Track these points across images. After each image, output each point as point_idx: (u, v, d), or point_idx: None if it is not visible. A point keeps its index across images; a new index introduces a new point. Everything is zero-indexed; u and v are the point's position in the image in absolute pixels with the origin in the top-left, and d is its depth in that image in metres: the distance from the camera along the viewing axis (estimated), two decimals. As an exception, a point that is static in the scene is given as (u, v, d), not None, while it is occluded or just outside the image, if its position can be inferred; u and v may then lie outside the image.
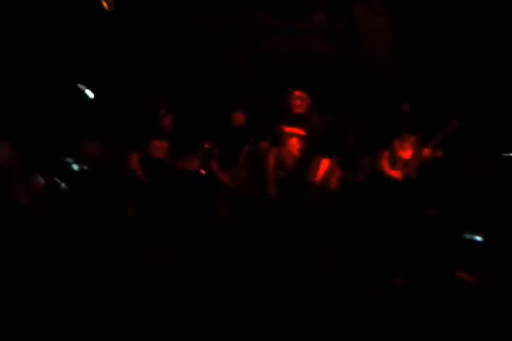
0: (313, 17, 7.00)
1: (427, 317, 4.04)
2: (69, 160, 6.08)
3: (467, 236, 5.26)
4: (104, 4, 5.84)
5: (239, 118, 6.99)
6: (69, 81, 7.13)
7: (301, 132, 6.19)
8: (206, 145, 6.67)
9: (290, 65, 7.43)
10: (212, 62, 7.80)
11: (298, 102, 6.15)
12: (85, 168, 6.12)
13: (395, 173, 6.23)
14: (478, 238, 5.03)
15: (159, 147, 6.56)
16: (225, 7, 7.41)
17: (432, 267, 4.67)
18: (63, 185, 5.67)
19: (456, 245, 4.90)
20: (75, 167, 6.06)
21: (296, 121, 6.14)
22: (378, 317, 4.08)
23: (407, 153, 6.22)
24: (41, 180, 5.28)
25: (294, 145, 6.25)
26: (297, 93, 6.17)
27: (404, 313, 4.11)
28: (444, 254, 4.81)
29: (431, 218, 5.41)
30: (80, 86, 7.16)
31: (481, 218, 5.23)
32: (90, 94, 7.15)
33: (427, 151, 6.06)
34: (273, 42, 7.47)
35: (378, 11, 6.36)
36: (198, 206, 6.31)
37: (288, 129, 6.28)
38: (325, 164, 6.19)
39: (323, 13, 6.90)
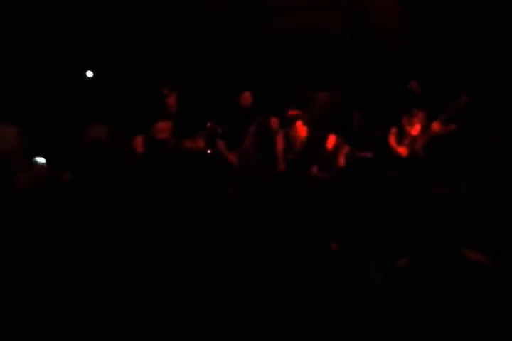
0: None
1: (433, 299, 3.98)
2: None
3: None
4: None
5: (246, 98, 6.92)
6: (71, 64, 7.07)
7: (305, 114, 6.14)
8: (209, 125, 6.59)
9: (297, 42, 7.28)
10: (217, 41, 7.67)
11: None
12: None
13: (402, 150, 6.13)
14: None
15: (163, 128, 6.48)
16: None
17: (440, 246, 4.58)
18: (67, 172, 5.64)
19: (464, 224, 4.79)
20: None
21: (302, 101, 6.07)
22: (383, 304, 4.04)
23: (415, 129, 6.11)
24: (43, 166, 5.24)
25: (300, 127, 6.20)
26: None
27: (411, 297, 4.05)
28: (453, 233, 4.71)
29: (440, 196, 5.29)
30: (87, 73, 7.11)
31: (491, 197, 5.12)
32: (89, 74, 7.07)
33: (436, 126, 5.94)
34: (278, 19, 7.32)
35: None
36: (205, 186, 6.26)
37: (292, 112, 6.22)
38: (331, 140, 6.14)
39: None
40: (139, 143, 6.38)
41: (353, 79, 7.13)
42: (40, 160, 5.43)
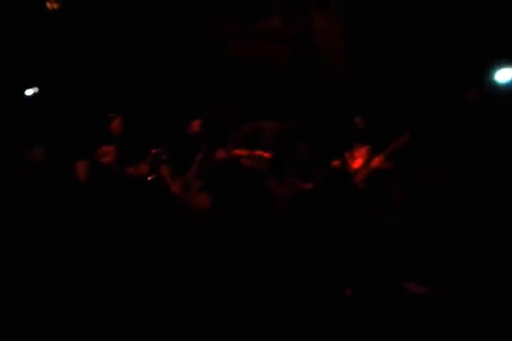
0: (269, 21, 6.92)
1: (374, 328, 3.99)
2: None
3: None
4: (49, 4, 5.62)
5: (195, 126, 6.89)
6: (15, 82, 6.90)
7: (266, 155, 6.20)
8: (154, 151, 6.51)
9: (245, 69, 7.33)
10: (166, 66, 7.65)
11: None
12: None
13: (342, 181, 6.22)
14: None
15: (107, 152, 6.37)
16: (180, 10, 7.26)
17: (380, 277, 4.61)
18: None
19: (405, 255, 4.85)
20: None
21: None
22: (326, 328, 4.02)
23: (356, 163, 6.19)
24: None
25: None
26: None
27: (352, 325, 4.05)
28: (393, 264, 4.76)
29: (381, 228, 5.36)
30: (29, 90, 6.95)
31: (430, 229, 5.22)
32: (30, 92, 6.90)
33: (377, 161, 6.04)
34: (228, 47, 7.36)
35: (332, 15, 6.32)
36: (147, 212, 6.15)
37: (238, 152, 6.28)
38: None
39: (279, 17, 6.83)
40: (81, 166, 6.25)
41: (300, 109, 7.21)
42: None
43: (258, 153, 6.26)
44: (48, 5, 5.54)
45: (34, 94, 6.98)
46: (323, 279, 4.81)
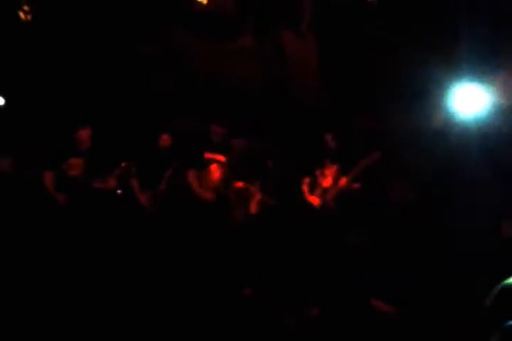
0: (240, 40, 6.98)
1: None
2: None
3: None
4: (22, 14, 5.58)
5: (165, 140, 6.90)
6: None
7: (222, 158, 6.19)
8: (123, 164, 6.48)
9: (215, 87, 7.38)
10: (137, 81, 7.65)
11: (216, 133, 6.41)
12: None
13: (314, 199, 6.25)
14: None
15: (75, 164, 6.32)
16: (152, 27, 7.28)
17: (348, 296, 4.64)
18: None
19: (372, 274, 4.91)
20: None
21: (217, 147, 6.14)
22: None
23: (326, 181, 6.26)
24: None
25: (215, 171, 6.25)
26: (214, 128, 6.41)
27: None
28: (361, 283, 4.80)
29: (349, 246, 5.41)
30: None
31: (397, 248, 5.30)
32: (3, 104, 6.83)
33: (343, 181, 6.12)
34: (199, 64, 7.40)
35: (304, 35, 6.42)
36: (115, 225, 6.11)
37: (208, 155, 6.28)
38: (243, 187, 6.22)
39: (250, 36, 6.90)
40: (48, 178, 6.18)
41: (271, 127, 7.27)
42: None
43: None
44: (21, 15, 5.51)
45: (2, 104, 6.88)
46: (290, 297, 4.82)
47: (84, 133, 6.51)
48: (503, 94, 6.14)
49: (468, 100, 5.89)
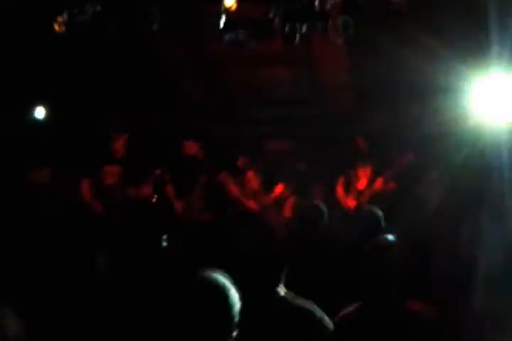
0: (270, 46, 7.00)
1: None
2: None
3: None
4: (56, 26, 5.70)
5: (190, 147, 6.93)
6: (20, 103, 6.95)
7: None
8: (157, 171, 6.54)
9: (247, 94, 7.42)
10: (168, 89, 7.73)
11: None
12: None
13: (350, 202, 6.23)
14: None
15: (111, 172, 6.41)
16: (182, 35, 7.36)
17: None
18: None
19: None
20: None
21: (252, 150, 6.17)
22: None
23: (361, 183, 6.24)
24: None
25: (252, 179, 6.27)
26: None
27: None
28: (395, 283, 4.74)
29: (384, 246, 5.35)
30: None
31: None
32: (40, 115, 6.96)
33: (379, 183, 6.09)
34: (229, 71, 7.46)
35: (334, 39, 6.39)
36: (149, 234, 6.15)
37: (243, 161, 6.32)
38: (279, 189, 6.23)
39: (280, 41, 6.91)
40: (85, 187, 6.27)
41: (303, 131, 7.28)
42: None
43: None
44: (56, 27, 5.64)
45: (40, 114, 7.03)
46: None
47: (120, 141, 6.61)
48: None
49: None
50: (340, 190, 6.39)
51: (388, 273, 3.28)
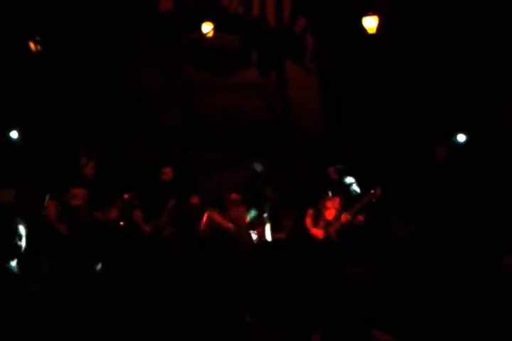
0: (245, 74, 7.09)
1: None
2: None
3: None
4: (32, 46, 5.70)
5: (167, 172, 6.93)
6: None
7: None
8: (126, 196, 6.49)
9: (221, 120, 7.46)
10: (143, 115, 7.75)
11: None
12: None
13: (317, 232, 6.24)
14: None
15: (78, 194, 6.33)
16: (158, 62, 7.42)
17: (350, 325, 4.59)
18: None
19: (373, 303, 4.87)
20: None
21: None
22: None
23: (329, 213, 6.26)
24: None
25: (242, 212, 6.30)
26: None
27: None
28: (362, 312, 4.76)
29: (351, 276, 5.38)
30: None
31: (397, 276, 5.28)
32: (14, 135, 6.91)
33: (346, 217, 6.12)
34: (204, 98, 7.51)
35: (308, 68, 6.50)
36: (115, 256, 6.10)
37: (234, 196, 6.33)
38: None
39: (255, 70, 7.01)
40: (51, 207, 6.18)
41: (273, 159, 7.32)
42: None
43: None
44: (32, 47, 5.64)
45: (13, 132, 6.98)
46: (291, 325, 4.77)
47: (89, 164, 6.57)
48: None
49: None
50: (308, 220, 6.41)
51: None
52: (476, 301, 4.82)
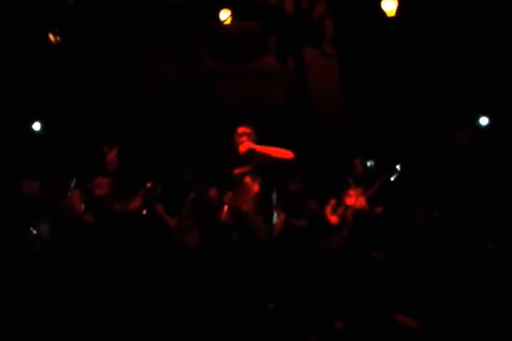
0: (263, 62, 7.05)
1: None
2: None
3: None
4: (51, 37, 5.74)
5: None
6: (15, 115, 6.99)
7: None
8: (148, 185, 6.51)
9: (239, 109, 7.44)
10: (162, 105, 7.77)
11: (243, 139, 5.66)
12: None
13: (333, 218, 6.27)
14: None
15: (102, 184, 6.37)
16: (176, 51, 7.40)
17: (373, 311, 4.59)
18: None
19: (397, 288, 4.86)
20: None
21: (243, 160, 6.06)
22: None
23: (350, 200, 6.27)
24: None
25: (250, 183, 6.16)
26: (241, 129, 5.74)
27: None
28: (385, 297, 4.75)
29: (374, 261, 5.39)
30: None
31: (420, 262, 5.27)
32: (36, 127, 6.97)
33: (361, 201, 6.12)
34: (222, 87, 7.49)
35: (327, 53, 6.46)
36: (137, 245, 6.13)
37: (238, 170, 6.21)
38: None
39: (273, 57, 6.97)
40: (76, 198, 6.24)
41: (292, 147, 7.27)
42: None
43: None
44: (51, 38, 5.67)
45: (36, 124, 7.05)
46: (313, 312, 4.78)
47: (112, 154, 6.60)
48: None
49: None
50: (328, 209, 6.43)
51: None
52: (500, 286, 4.80)
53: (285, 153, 5.48)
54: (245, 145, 5.47)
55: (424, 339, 4.25)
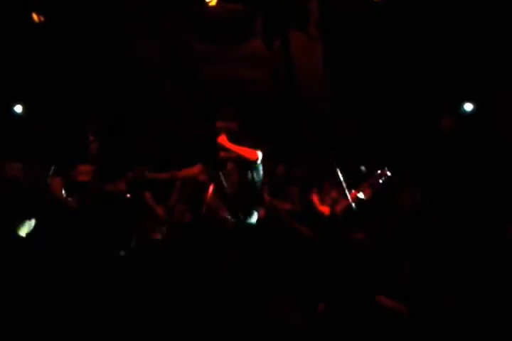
0: (249, 45, 7.00)
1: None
2: None
3: None
4: (35, 17, 5.63)
5: None
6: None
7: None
8: (137, 168, 6.46)
9: (224, 92, 7.40)
10: (145, 88, 7.69)
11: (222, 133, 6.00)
12: None
13: (324, 209, 6.26)
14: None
15: (84, 170, 6.35)
16: (161, 34, 7.34)
17: (354, 292, 4.60)
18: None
19: (378, 270, 4.87)
20: None
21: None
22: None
23: (334, 192, 6.26)
24: None
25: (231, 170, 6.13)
26: (224, 124, 6.04)
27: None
28: (367, 279, 4.76)
29: (356, 243, 5.39)
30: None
31: (407, 246, 5.28)
32: (18, 109, 6.85)
33: (354, 194, 6.10)
34: (208, 69, 7.44)
35: (312, 36, 6.43)
36: (124, 228, 6.08)
37: (223, 154, 6.20)
38: None
39: (259, 40, 6.92)
40: (56, 183, 6.20)
41: (278, 132, 7.27)
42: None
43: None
44: (35, 17, 5.56)
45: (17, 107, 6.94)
46: (294, 294, 4.78)
47: (95, 143, 6.57)
48: None
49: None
50: (315, 197, 6.42)
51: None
52: (483, 269, 4.82)
53: (251, 154, 5.79)
54: (220, 138, 5.82)
55: (406, 320, 4.26)
